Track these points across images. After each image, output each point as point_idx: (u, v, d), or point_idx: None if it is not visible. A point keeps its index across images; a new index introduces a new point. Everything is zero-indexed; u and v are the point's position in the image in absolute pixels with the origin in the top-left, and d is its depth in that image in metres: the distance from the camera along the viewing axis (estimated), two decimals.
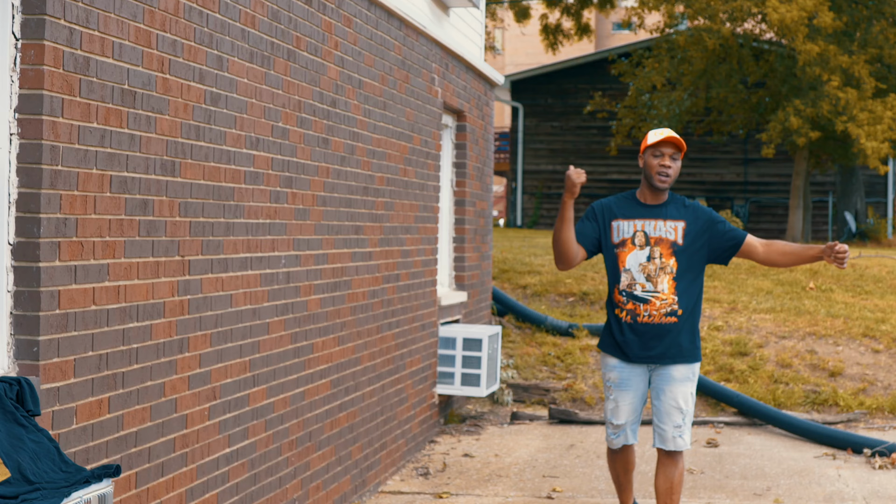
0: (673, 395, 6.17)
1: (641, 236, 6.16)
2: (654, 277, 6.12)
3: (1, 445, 3.65)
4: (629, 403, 6.27)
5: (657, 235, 6.17)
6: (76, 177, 4.23)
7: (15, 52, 4.03)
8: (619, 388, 6.27)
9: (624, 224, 6.21)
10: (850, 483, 8.51)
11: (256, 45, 5.83)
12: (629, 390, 6.26)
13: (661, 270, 6.12)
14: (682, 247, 6.17)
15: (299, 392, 6.53)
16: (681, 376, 6.19)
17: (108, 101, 4.43)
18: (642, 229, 6.17)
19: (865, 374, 11.47)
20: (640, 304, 6.14)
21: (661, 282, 6.12)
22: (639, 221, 6.19)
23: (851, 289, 14.82)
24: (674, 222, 6.19)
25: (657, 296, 6.12)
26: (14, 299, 4.05)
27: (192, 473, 5.23)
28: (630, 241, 6.17)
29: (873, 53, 25.23)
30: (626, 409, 6.28)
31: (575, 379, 11.50)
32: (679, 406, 6.16)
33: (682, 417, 6.17)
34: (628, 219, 6.21)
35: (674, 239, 6.15)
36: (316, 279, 6.78)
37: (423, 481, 8.37)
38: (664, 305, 6.12)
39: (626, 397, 6.27)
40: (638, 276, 6.14)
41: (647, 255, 6.15)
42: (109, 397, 4.48)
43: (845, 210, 28.56)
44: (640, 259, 6.15)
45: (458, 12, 10.59)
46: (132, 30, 4.59)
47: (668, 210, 6.22)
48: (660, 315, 6.12)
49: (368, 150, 7.72)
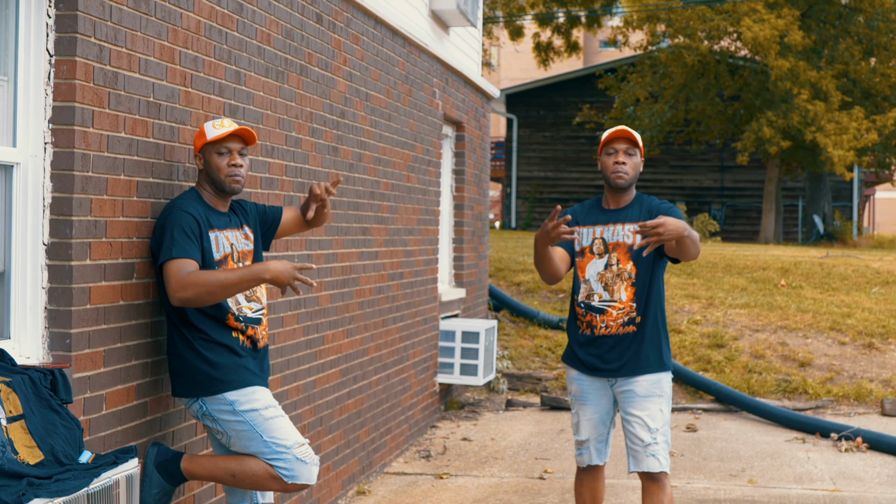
0: (637, 414, 5.25)
1: (600, 243, 5.31)
2: (612, 286, 5.26)
3: (36, 430, 3.65)
4: (589, 419, 5.39)
5: (615, 241, 5.29)
6: (105, 182, 4.23)
7: (49, 67, 4.03)
8: (579, 402, 5.42)
9: (584, 231, 5.36)
10: (818, 465, 8.51)
11: (271, 61, 5.83)
12: (590, 404, 5.38)
13: (619, 277, 5.26)
14: (639, 250, 5.22)
15: (311, 380, 6.53)
16: (644, 391, 5.26)
17: (135, 112, 4.43)
18: (601, 236, 5.31)
19: (832, 365, 11.47)
20: (596, 316, 5.29)
21: (617, 290, 5.25)
22: (598, 228, 5.33)
23: (820, 286, 14.81)
24: (632, 225, 5.28)
25: (614, 305, 5.25)
26: (48, 295, 4.05)
27: None
28: (588, 250, 5.32)
29: (839, 69, 25.24)
30: (587, 424, 5.39)
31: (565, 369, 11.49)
32: (645, 424, 5.22)
33: (652, 436, 5.21)
34: (588, 226, 5.36)
35: (631, 242, 5.28)
36: (326, 276, 6.77)
37: (425, 463, 8.36)
38: (621, 315, 5.25)
39: (587, 412, 5.39)
40: (596, 286, 5.28)
41: (605, 263, 5.28)
42: (136, 385, 4.47)
43: (814, 213, 28.56)
44: (599, 268, 5.29)
45: (458, 31, 10.59)
46: (157, 47, 4.59)
47: (629, 213, 5.34)
48: (617, 325, 5.26)
49: (375, 158, 7.71)
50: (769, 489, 7.70)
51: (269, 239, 4.92)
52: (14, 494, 3.30)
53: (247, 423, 4.38)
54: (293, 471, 4.37)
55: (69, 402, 3.91)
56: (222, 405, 4.40)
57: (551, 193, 31.74)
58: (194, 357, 4.39)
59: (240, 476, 4.40)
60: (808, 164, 26.82)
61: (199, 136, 4.53)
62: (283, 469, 4.37)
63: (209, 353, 4.39)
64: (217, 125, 4.50)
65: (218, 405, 4.40)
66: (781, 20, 24.27)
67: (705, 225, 26.04)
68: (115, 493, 3.68)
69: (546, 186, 31.87)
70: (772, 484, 7.86)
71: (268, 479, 4.39)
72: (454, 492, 7.50)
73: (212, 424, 4.45)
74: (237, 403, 4.38)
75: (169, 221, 4.36)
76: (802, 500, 7.41)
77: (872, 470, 8.38)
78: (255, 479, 4.39)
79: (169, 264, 4.28)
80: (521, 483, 7.78)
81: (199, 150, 4.52)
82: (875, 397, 10.79)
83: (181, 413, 4.88)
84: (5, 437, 3.50)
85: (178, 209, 4.39)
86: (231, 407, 4.39)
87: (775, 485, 7.84)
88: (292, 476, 4.37)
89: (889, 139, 26.34)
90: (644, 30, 28.80)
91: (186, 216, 4.36)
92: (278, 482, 4.39)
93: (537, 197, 31.90)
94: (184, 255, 4.28)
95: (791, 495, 7.53)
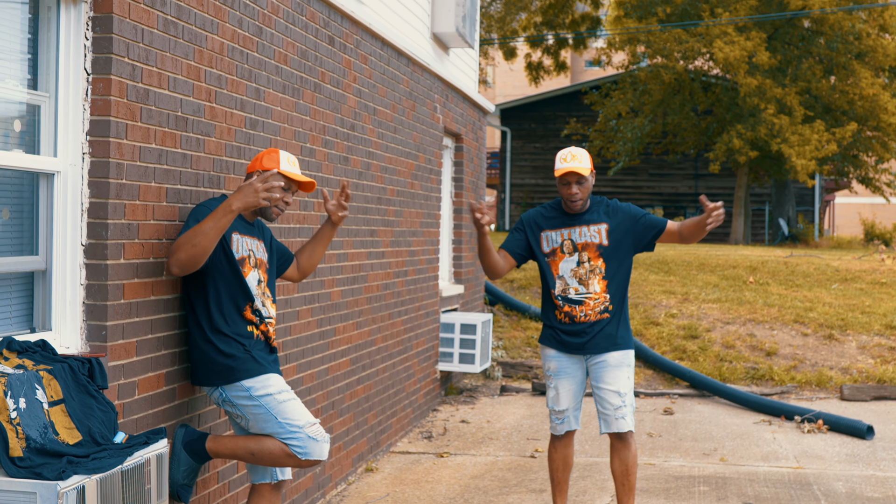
0: (610, 381, 5.58)
1: (569, 244, 5.61)
2: (586, 280, 5.58)
3: (75, 413, 3.65)
4: (569, 390, 5.70)
5: (583, 241, 5.60)
6: (138, 189, 4.23)
7: (87, 84, 4.03)
8: (558, 377, 5.70)
9: (553, 234, 5.65)
10: (783, 444, 8.51)
11: (288, 79, 5.83)
12: (568, 377, 5.70)
13: (592, 273, 5.58)
14: (608, 248, 5.60)
15: (324, 368, 6.53)
16: (616, 362, 5.60)
17: (165, 125, 4.43)
18: (569, 237, 5.62)
19: (796, 354, 11.47)
20: (575, 306, 5.59)
21: (592, 283, 5.57)
22: (565, 230, 5.63)
23: (784, 282, 14.81)
24: (597, 226, 5.62)
25: (590, 296, 5.57)
26: (86, 291, 4.05)
27: None
28: (559, 250, 5.62)
29: (802, 86, 25.25)
30: (566, 395, 5.70)
31: None
32: (617, 390, 5.56)
33: (622, 399, 5.56)
34: (555, 229, 5.65)
35: (599, 241, 5.60)
36: (338, 274, 6.77)
37: (427, 443, 8.36)
38: (598, 304, 5.57)
39: (566, 384, 5.70)
40: (571, 280, 5.59)
41: (576, 261, 5.59)
42: (165, 372, 4.47)
43: (779, 217, 28.55)
44: (571, 265, 5.59)
45: (456, 52, 10.59)
46: (184, 66, 4.59)
47: (591, 215, 5.64)
48: (595, 314, 5.57)
49: (381, 167, 7.71)
50: (739, 467, 7.70)
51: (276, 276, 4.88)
52: (55, 471, 3.31)
53: (263, 406, 4.38)
54: (306, 448, 4.38)
55: (105, 388, 3.91)
56: (240, 392, 4.40)
57: (541, 199, 31.74)
58: (212, 350, 4.40)
59: (258, 454, 4.41)
60: (774, 173, 26.83)
61: (271, 160, 4.51)
62: (296, 447, 4.37)
63: (225, 346, 4.40)
64: (291, 162, 4.53)
65: (236, 392, 4.41)
66: (750, 42, 24.27)
67: None
68: (146, 470, 3.69)
69: (537, 192, 31.86)
70: (741, 462, 7.86)
71: (284, 457, 4.39)
72: (454, 469, 7.50)
73: (231, 409, 4.45)
74: (253, 390, 4.38)
75: (191, 215, 4.37)
76: (769, 476, 7.41)
77: (832, 449, 8.38)
78: (273, 456, 4.40)
79: None
80: (514, 461, 7.78)
81: (264, 172, 4.46)
82: (835, 383, 10.79)
83: (205, 398, 4.88)
84: (47, 420, 3.50)
85: (201, 204, 4.41)
86: (248, 393, 4.39)
87: (744, 463, 7.84)
88: (305, 453, 4.38)
89: (847, 150, 26.36)
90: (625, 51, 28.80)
91: (206, 209, 4.37)
92: (293, 459, 4.39)
93: (529, 202, 31.87)
94: None
95: (759, 472, 7.53)
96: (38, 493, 3.22)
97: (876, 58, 25.30)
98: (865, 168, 27.36)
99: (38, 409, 3.48)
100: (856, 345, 11.71)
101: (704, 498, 6.79)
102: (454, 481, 7.13)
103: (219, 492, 5.05)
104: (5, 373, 3.44)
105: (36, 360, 3.66)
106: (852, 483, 7.26)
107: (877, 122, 25.38)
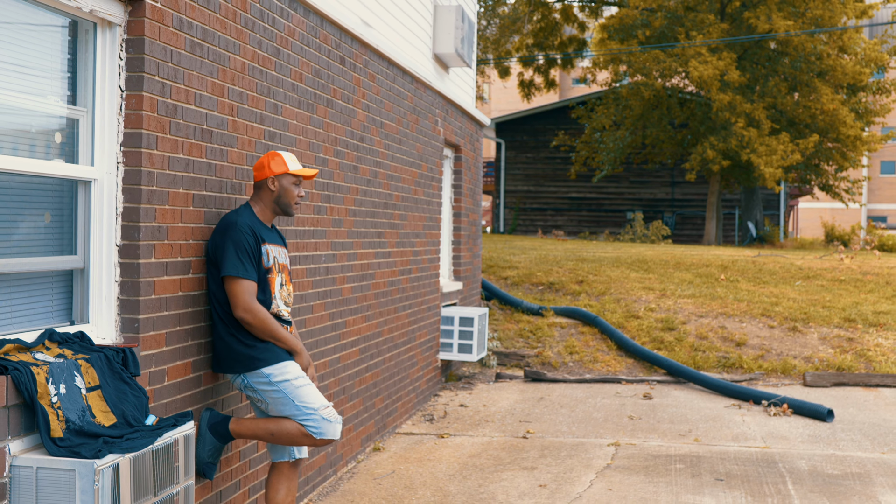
0: None
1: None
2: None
3: (110, 398, 3.66)
4: None
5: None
6: (167, 195, 4.23)
7: (121, 100, 4.03)
8: None
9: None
10: (751, 426, 8.50)
11: (303, 96, 5.83)
12: None
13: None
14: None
15: (335, 357, 6.53)
16: None
17: (192, 137, 4.43)
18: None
19: (763, 344, 11.47)
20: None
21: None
22: (272, 247, 4.58)
23: (753, 280, 14.80)
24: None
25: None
26: (120, 287, 4.06)
27: None
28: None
29: (769, 102, 25.26)
30: None
31: (544, 348, 11.49)
32: None
33: None
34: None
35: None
36: (348, 272, 6.77)
37: (429, 425, 8.36)
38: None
39: None
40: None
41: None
42: (192, 361, 4.47)
43: (748, 220, 28.53)
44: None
45: (456, 70, 10.59)
46: (209, 84, 4.59)
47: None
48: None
49: (388, 175, 7.71)
50: (711, 446, 7.70)
51: None
52: (92, 450, 3.31)
53: (281, 391, 4.39)
54: (321, 428, 4.39)
55: (137, 375, 3.91)
56: (260, 378, 4.41)
57: (532, 204, 31.77)
58: (235, 342, 4.42)
59: (277, 434, 4.41)
60: (744, 180, 26.82)
61: (278, 164, 4.56)
62: (312, 427, 4.38)
63: (247, 338, 4.43)
64: (294, 160, 4.63)
65: (257, 378, 4.42)
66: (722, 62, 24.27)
67: (659, 230, 26.07)
68: (175, 449, 3.69)
69: (528, 198, 31.85)
70: (714, 442, 7.86)
71: (300, 437, 4.40)
72: (453, 448, 7.50)
73: (252, 394, 4.46)
74: (272, 376, 4.40)
75: (233, 238, 4.38)
76: (739, 455, 7.41)
77: (796, 431, 8.37)
78: (290, 436, 4.41)
79: (237, 283, 4.34)
80: (508, 441, 7.78)
81: (276, 176, 4.56)
82: (798, 371, 10.79)
83: (228, 384, 4.88)
84: (85, 404, 3.51)
85: (240, 228, 4.40)
86: (267, 379, 4.41)
87: (716, 443, 7.84)
88: (320, 433, 4.39)
89: (810, 159, 26.36)
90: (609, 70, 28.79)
91: (248, 236, 4.40)
92: (309, 438, 4.40)
93: (521, 207, 31.88)
94: (248, 276, 4.35)
95: (729, 451, 7.53)
96: (77, 471, 3.23)
97: (836, 76, 25.32)
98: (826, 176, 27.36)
99: (77, 394, 3.49)
100: (817, 336, 11.70)
101: (680, 475, 6.79)
102: (454, 459, 7.13)
103: (240, 469, 5.05)
104: (47, 361, 3.44)
105: (75, 350, 3.67)
106: (814, 461, 7.26)
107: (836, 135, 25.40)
